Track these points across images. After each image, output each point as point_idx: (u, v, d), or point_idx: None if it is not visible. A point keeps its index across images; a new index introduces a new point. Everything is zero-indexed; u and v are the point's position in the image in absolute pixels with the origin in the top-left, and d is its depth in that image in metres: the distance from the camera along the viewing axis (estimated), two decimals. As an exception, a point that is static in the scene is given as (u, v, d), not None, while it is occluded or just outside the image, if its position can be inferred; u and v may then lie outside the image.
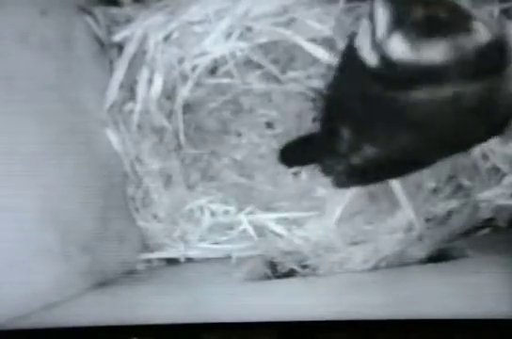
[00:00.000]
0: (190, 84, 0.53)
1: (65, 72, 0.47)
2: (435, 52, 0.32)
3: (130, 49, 0.52)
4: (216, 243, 0.52)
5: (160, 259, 0.53)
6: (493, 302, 0.33)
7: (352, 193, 0.51)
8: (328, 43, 0.50)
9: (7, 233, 0.37)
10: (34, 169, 0.40)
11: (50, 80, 0.45)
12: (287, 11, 0.50)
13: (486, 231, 0.49)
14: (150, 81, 0.53)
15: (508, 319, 0.31)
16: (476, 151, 0.50)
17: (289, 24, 0.51)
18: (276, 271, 0.50)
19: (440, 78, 0.32)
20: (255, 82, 0.52)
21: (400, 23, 0.32)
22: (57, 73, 0.46)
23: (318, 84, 0.52)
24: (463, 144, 0.39)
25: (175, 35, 0.53)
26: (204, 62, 0.53)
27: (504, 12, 0.49)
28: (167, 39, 0.53)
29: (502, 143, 0.50)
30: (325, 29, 0.50)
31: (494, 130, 0.37)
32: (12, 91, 0.40)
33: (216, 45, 0.52)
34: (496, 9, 0.49)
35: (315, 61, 0.51)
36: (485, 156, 0.51)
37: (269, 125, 0.53)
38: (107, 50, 0.53)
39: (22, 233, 0.39)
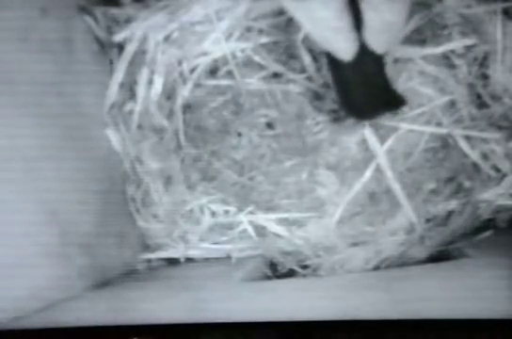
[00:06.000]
0: (190, 84, 0.53)
1: (65, 72, 0.47)
2: None
3: (130, 49, 0.52)
4: (216, 243, 0.52)
5: (160, 259, 0.53)
6: (493, 302, 0.33)
7: (352, 194, 0.51)
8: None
9: (6, 232, 0.37)
10: (33, 169, 0.40)
11: (49, 80, 0.45)
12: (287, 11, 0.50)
13: (487, 233, 0.49)
14: (150, 81, 0.53)
15: (508, 319, 0.31)
16: (476, 151, 0.50)
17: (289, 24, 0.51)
18: (276, 271, 0.50)
19: None
20: (255, 82, 0.52)
21: None
22: (57, 73, 0.46)
23: (318, 84, 0.52)
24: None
25: (175, 35, 0.53)
26: (205, 62, 0.53)
27: (505, 12, 0.49)
28: (167, 39, 0.53)
29: (502, 143, 0.50)
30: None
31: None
32: (11, 91, 0.40)
33: (216, 45, 0.52)
34: (499, 8, 0.49)
35: (316, 61, 0.52)
36: (485, 156, 0.51)
37: (269, 125, 0.53)
38: (107, 50, 0.53)
39: (21, 232, 0.39)
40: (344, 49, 0.42)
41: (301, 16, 0.42)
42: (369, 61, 0.42)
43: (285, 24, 0.51)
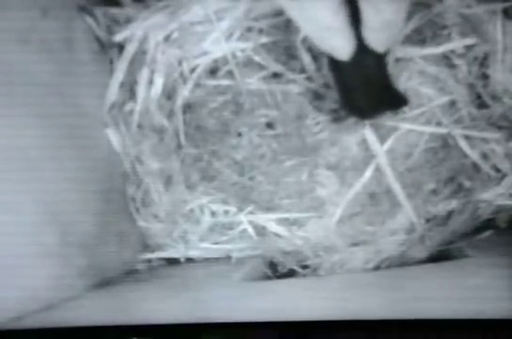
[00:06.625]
0: (190, 84, 0.53)
1: (65, 73, 0.47)
2: None
3: (130, 49, 0.52)
4: (216, 243, 0.52)
5: (160, 259, 0.53)
6: (494, 302, 0.33)
7: (352, 194, 0.51)
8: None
9: (6, 233, 0.37)
10: (34, 169, 0.40)
11: (50, 80, 0.45)
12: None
13: (487, 233, 0.49)
14: (150, 81, 0.53)
15: (508, 319, 0.31)
16: (476, 151, 0.50)
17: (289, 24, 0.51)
18: (276, 271, 0.50)
19: None
20: (255, 82, 0.52)
21: None
22: (57, 74, 0.46)
23: (318, 84, 0.52)
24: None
25: (175, 35, 0.53)
26: (205, 62, 0.53)
27: (505, 12, 0.50)
28: (167, 39, 0.53)
29: (502, 143, 0.50)
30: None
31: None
32: (12, 92, 0.40)
33: (216, 45, 0.52)
34: (499, 8, 0.49)
35: (316, 61, 0.52)
36: (485, 156, 0.51)
37: (269, 125, 0.53)
38: (107, 50, 0.53)
39: (21, 232, 0.39)
40: (341, 48, 0.41)
41: (297, 15, 0.42)
42: (369, 60, 0.42)
43: (285, 24, 0.51)
